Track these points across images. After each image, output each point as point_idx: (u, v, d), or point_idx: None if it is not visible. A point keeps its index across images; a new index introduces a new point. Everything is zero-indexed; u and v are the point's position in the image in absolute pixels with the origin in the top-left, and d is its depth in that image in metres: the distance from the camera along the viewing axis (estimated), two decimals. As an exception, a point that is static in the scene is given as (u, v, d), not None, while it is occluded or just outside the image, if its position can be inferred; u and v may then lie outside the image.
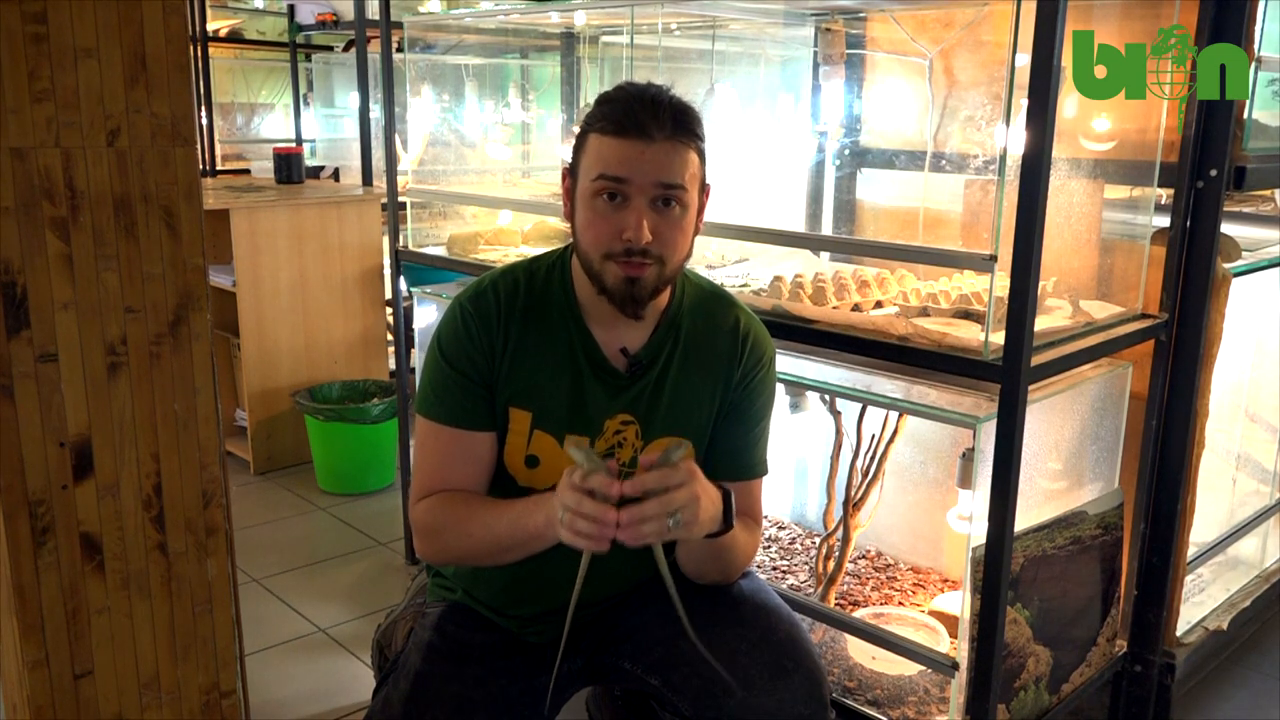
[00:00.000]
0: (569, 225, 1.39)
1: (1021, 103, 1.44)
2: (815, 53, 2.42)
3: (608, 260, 1.31)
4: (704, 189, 1.38)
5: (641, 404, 1.42)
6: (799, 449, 2.54)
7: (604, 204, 1.30)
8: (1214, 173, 1.77)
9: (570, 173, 1.37)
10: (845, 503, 1.99)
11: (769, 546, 2.37)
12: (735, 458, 1.46)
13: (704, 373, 1.44)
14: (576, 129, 1.39)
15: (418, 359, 1.76)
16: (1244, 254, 1.98)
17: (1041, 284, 1.59)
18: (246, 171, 5.68)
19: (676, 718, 1.43)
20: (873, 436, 1.96)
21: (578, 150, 1.35)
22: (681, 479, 1.18)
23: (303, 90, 5.93)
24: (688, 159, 1.31)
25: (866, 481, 1.97)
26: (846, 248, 2.42)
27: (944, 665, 1.69)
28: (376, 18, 3.60)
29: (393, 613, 1.58)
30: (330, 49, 5.86)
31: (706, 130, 1.36)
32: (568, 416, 1.39)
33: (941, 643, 1.89)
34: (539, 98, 3.38)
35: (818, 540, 2.21)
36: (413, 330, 2.72)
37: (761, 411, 1.49)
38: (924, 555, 2.28)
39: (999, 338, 1.51)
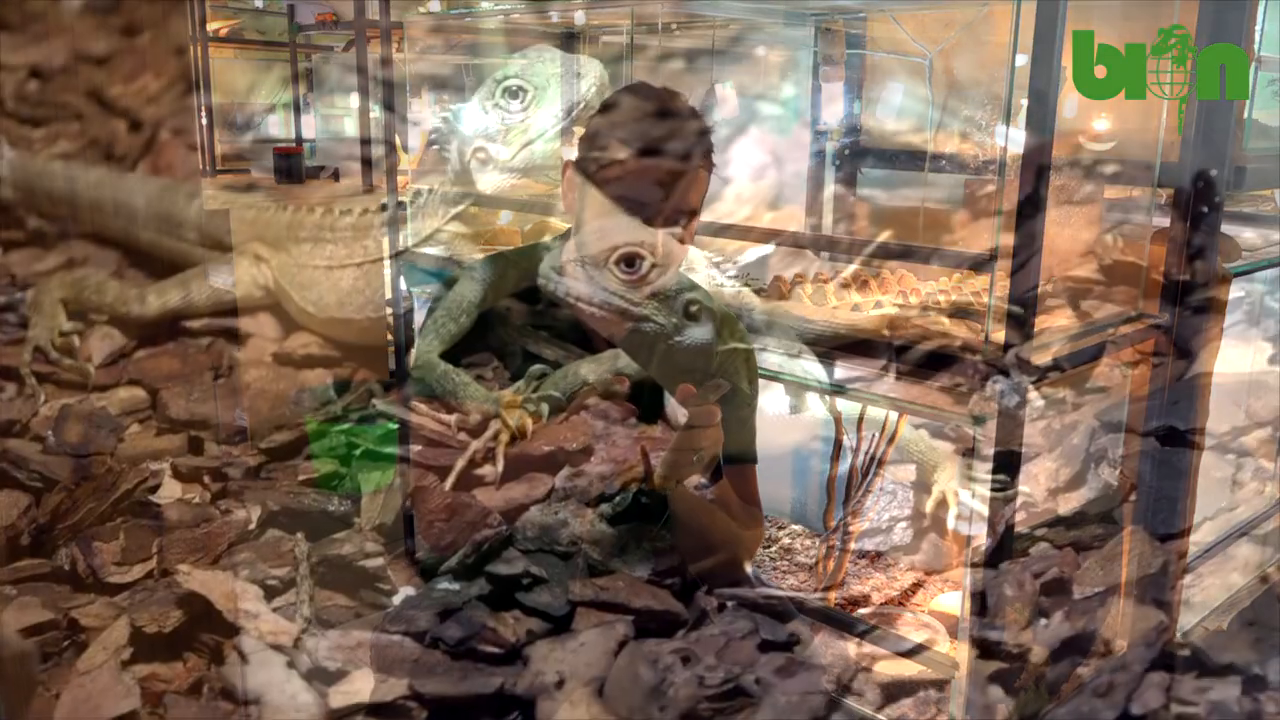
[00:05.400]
0: (570, 216, 1.41)
1: (1021, 103, 1.44)
2: (815, 53, 2.42)
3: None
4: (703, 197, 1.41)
5: None
6: (799, 449, 2.53)
7: (618, 213, 1.33)
8: (1214, 173, 1.77)
9: (579, 166, 1.37)
10: (845, 503, 1.99)
11: (769, 546, 2.37)
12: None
13: None
14: (582, 127, 1.40)
15: (417, 359, 1.76)
16: (1244, 254, 1.98)
17: (1041, 284, 1.59)
18: (246, 171, 5.67)
19: None
20: (872, 436, 1.96)
21: (591, 147, 1.35)
22: (715, 421, 1.26)
23: (303, 90, 5.92)
24: (702, 180, 1.34)
25: (866, 481, 1.97)
26: (846, 248, 2.41)
27: (944, 665, 1.69)
28: (377, 18, 3.60)
29: (391, 613, 1.58)
30: (330, 49, 5.85)
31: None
32: None
33: (941, 643, 1.88)
34: (539, 98, 3.37)
35: (818, 540, 2.21)
36: (413, 330, 2.71)
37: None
38: (924, 555, 2.27)
39: (999, 338, 1.51)
